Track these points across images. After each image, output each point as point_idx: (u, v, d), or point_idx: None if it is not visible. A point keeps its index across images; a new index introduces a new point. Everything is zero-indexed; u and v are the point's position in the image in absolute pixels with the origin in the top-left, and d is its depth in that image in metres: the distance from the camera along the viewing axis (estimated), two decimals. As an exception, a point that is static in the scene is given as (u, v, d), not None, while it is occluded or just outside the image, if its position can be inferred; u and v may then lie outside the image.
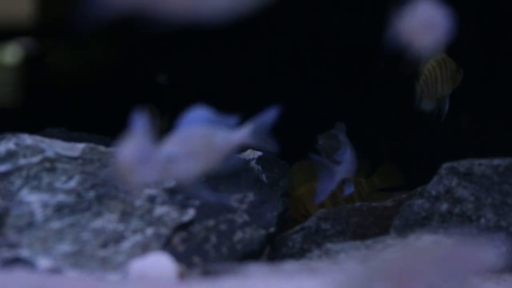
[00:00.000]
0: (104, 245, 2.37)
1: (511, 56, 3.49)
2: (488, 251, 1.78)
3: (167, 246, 2.40)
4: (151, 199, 2.50)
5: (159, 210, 2.48)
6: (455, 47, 3.35)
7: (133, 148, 1.97)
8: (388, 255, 1.96)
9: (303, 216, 2.97)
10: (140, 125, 1.99)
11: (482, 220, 2.55)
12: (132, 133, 1.99)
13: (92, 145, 2.61)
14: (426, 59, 2.94)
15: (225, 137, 2.11)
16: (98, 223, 2.42)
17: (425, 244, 2.04)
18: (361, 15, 3.43)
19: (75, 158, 2.57)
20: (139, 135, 1.99)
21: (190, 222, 2.47)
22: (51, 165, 2.54)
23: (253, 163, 2.77)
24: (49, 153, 2.56)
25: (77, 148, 2.58)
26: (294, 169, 3.01)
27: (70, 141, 2.64)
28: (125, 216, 2.45)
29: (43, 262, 2.31)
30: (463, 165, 2.61)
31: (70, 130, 3.09)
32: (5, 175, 2.51)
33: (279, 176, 2.77)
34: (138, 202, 2.49)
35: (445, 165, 2.63)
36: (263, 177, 2.75)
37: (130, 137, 1.98)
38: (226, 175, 2.70)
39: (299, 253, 2.61)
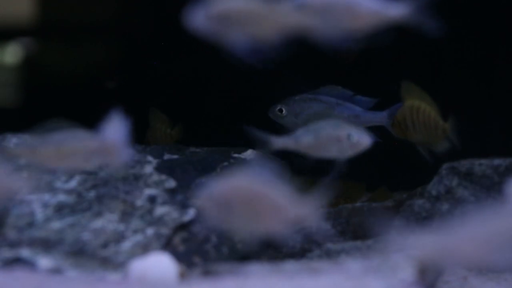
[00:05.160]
0: (105, 245, 2.37)
1: (511, 55, 3.49)
2: None
3: (167, 246, 2.40)
4: (152, 199, 2.50)
5: (160, 210, 2.48)
6: (456, 47, 3.35)
7: (116, 131, 2.03)
8: None
9: None
10: (115, 120, 2.05)
11: (483, 220, 2.55)
12: (109, 121, 2.05)
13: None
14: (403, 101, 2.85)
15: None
16: (98, 223, 2.42)
17: None
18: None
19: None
20: (115, 123, 2.05)
21: (191, 222, 2.47)
22: (51, 165, 2.54)
23: (253, 163, 2.77)
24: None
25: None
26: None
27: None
28: (125, 216, 2.45)
29: (44, 262, 2.31)
30: (463, 165, 2.61)
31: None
32: (6, 175, 2.51)
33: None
34: (139, 202, 2.49)
35: (446, 165, 2.63)
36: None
37: (108, 124, 2.04)
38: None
39: (300, 253, 2.61)
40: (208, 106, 3.75)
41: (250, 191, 1.91)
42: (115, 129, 2.07)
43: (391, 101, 2.85)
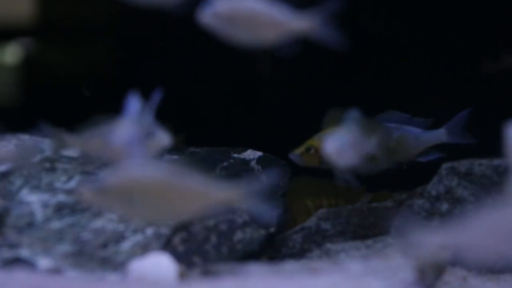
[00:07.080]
0: (104, 245, 2.37)
1: (510, 55, 3.49)
2: None
3: (167, 246, 2.40)
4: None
5: (159, 210, 2.47)
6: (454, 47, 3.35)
7: (125, 130, 2.04)
8: None
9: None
10: (132, 108, 2.06)
11: (482, 220, 2.55)
12: (124, 116, 2.05)
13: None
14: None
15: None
16: (98, 223, 2.42)
17: None
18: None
19: (75, 158, 2.57)
20: (131, 118, 2.06)
21: (190, 222, 2.47)
22: (51, 165, 2.54)
23: (253, 163, 2.77)
24: (49, 153, 2.56)
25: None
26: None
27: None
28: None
29: (43, 262, 2.31)
30: (463, 165, 2.61)
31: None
32: (5, 175, 2.51)
33: (279, 176, 2.76)
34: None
35: (445, 165, 2.63)
36: (263, 177, 2.75)
37: (122, 120, 2.05)
38: (227, 175, 2.70)
39: (299, 253, 2.61)
40: (208, 106, 3.75)
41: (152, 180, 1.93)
42: (132, 123, 2.08)
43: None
